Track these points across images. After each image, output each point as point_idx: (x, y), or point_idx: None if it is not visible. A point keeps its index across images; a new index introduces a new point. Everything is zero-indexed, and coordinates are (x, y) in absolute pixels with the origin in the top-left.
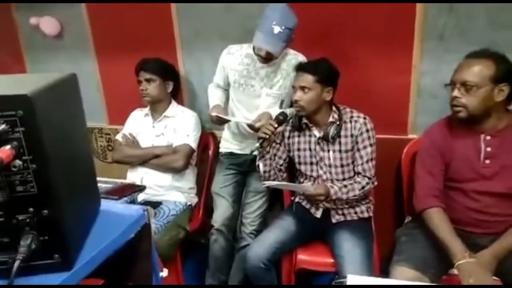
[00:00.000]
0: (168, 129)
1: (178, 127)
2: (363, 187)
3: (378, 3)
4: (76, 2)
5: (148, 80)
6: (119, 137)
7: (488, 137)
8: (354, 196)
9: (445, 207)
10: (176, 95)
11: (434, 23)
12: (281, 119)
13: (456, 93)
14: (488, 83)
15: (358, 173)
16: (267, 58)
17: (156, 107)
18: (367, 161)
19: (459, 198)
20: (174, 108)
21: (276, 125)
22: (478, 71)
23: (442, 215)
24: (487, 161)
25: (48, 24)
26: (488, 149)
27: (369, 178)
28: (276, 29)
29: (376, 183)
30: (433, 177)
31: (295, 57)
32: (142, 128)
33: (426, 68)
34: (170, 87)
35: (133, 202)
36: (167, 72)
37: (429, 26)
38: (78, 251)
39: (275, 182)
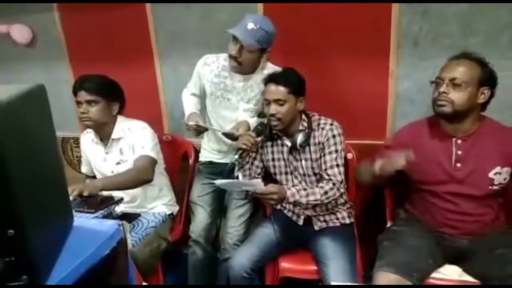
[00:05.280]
0: (126, 153)
1: (134, 147)
2: (326, 192)
3: (354, 11)
4: (48, 2)
5: (89, 102)
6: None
7: (459, 141)
8: (316, 200)
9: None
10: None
11: (409, 29)
12: (260, 129)
13: (444, 88)
14: (474, 84)
15: (323, 178)
16: (236, 60)
17: (101, 131)
18: (331, 167)
19: (433, 200)
20: (120, 126)
21: (255, 137)
22: (466, 70)
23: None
24: (458, 164)
25: (19, 32)
26: (459, 152)
27: (334, 184)
28: (250, 25)
29: (342, 190)
30: None
31: (273, 71)
32: (96, 156)
33: (402, 73)
34: (116, 109)
35: (110, 215)
36: (113, 92)
37: (404, 32)
38: (48, 271)
39: (225, 181)
